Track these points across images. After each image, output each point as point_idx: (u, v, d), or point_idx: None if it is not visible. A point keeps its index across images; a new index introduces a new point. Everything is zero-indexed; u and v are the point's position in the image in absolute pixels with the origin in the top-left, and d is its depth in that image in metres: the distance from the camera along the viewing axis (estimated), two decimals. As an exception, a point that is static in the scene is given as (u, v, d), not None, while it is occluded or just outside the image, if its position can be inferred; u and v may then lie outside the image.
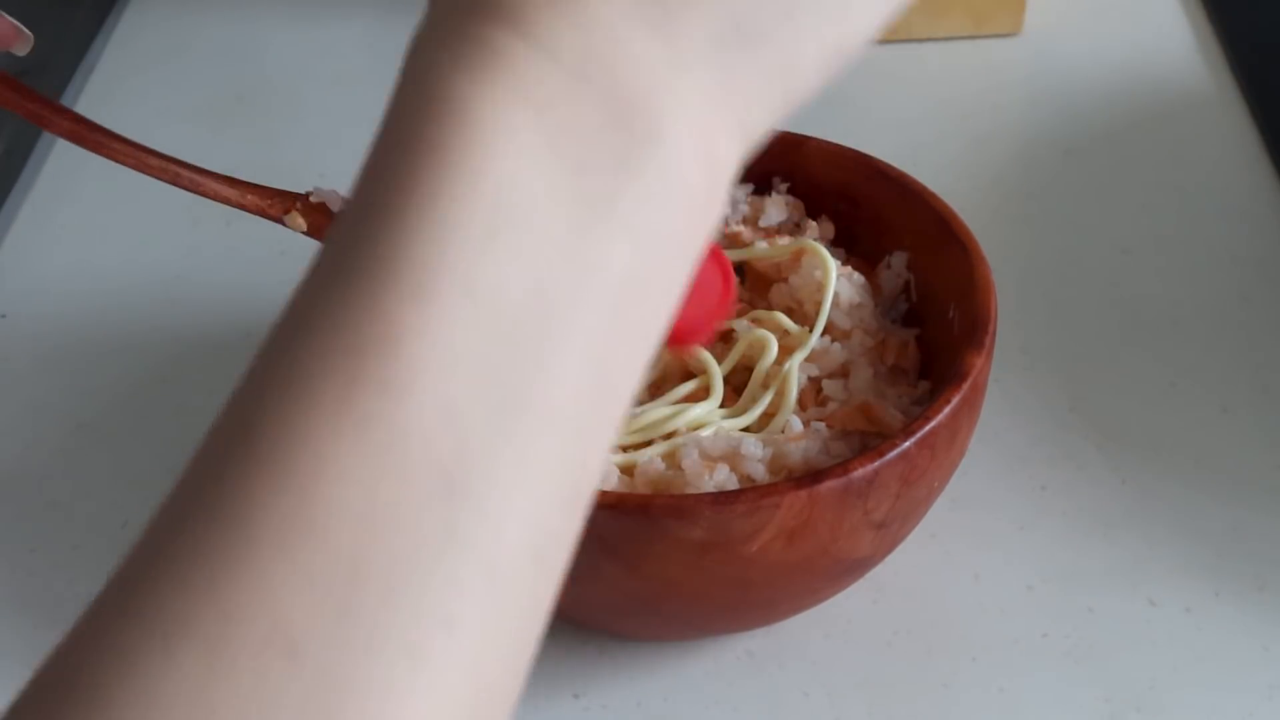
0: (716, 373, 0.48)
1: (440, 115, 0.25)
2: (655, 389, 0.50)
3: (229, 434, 0.24)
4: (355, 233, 0.25)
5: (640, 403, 0.49)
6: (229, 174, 0.50)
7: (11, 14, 0.48)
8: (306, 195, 0.50)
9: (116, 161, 0.48)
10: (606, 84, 0.26)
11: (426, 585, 0.23)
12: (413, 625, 0.22)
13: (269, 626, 0.22)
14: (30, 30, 0.48)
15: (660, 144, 0.26)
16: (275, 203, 0.50)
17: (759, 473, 0.45)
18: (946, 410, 0.43)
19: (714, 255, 0.41)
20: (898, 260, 0.52)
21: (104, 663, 0.22)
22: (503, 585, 0.24)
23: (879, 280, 0.52)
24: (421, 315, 0.24)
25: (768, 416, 0.48)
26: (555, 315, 0.25)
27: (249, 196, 0.50)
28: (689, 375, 0.50)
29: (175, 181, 0.49)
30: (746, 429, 0.47)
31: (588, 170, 0.26)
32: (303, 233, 0.50)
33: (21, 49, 0.47)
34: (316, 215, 0.50)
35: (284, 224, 0.50)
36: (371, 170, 0.26)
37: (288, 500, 0.22)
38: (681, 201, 0.27)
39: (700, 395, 0.48)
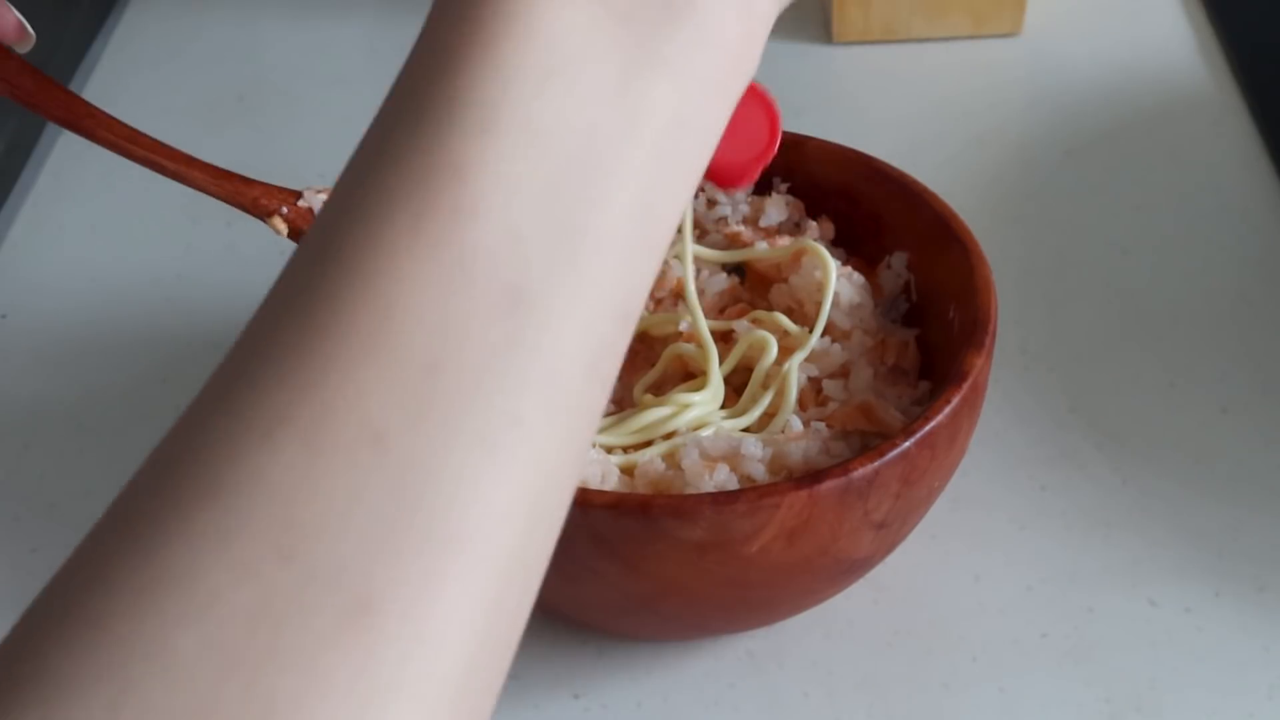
0: (717, 372, 0.48)
1: None
2: (655, 389, 0.50)
3: (318, 253, 0.26)
4: (426, 74, 0.27)
5: (640, 403, 0.49)
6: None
7: (11, 14, 0.48)
8: (297, 195, 0.50)
9: (106, 147, 0.49)
10: None
11: (496, 387, 0.25)
12: (483, 421, 0.25)
13: (359, 420, 0.24)
14: (28, 25, 0.48)
15: (699, 6, 0.29)
16: (261, 195, 0.50)
17: (759, 473, 0.45)
18: (946, 410, 0.43)
19: (759, 98, 0.43)
20: (898, 260, 0.52)
21: (213, 450, 0.24)
22: (563, 388, 0.26)
23: (879, 280, 0.52)
24: (486, 149, 0.26)
25: (768, 416, 0.48)
26: (607, 150, 0.27)
27: (224, 185, 0.50)
28: (689, 375, 0.50)
29: (161, 171, 0.49)
30: (746, 429, 0.47)
31: (635, 20, 0.28)
32: (284, 236, 0.50)
33: (23, 47, 0.48)
34: (303, 220, 0.50)
35: (267, 224, 0.50)
36: (435, 19, 0.28)
37: (372, 311, 0.25)
38: (721, 50, 0.29)
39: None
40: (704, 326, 0.50)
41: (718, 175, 0.43)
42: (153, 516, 0.24)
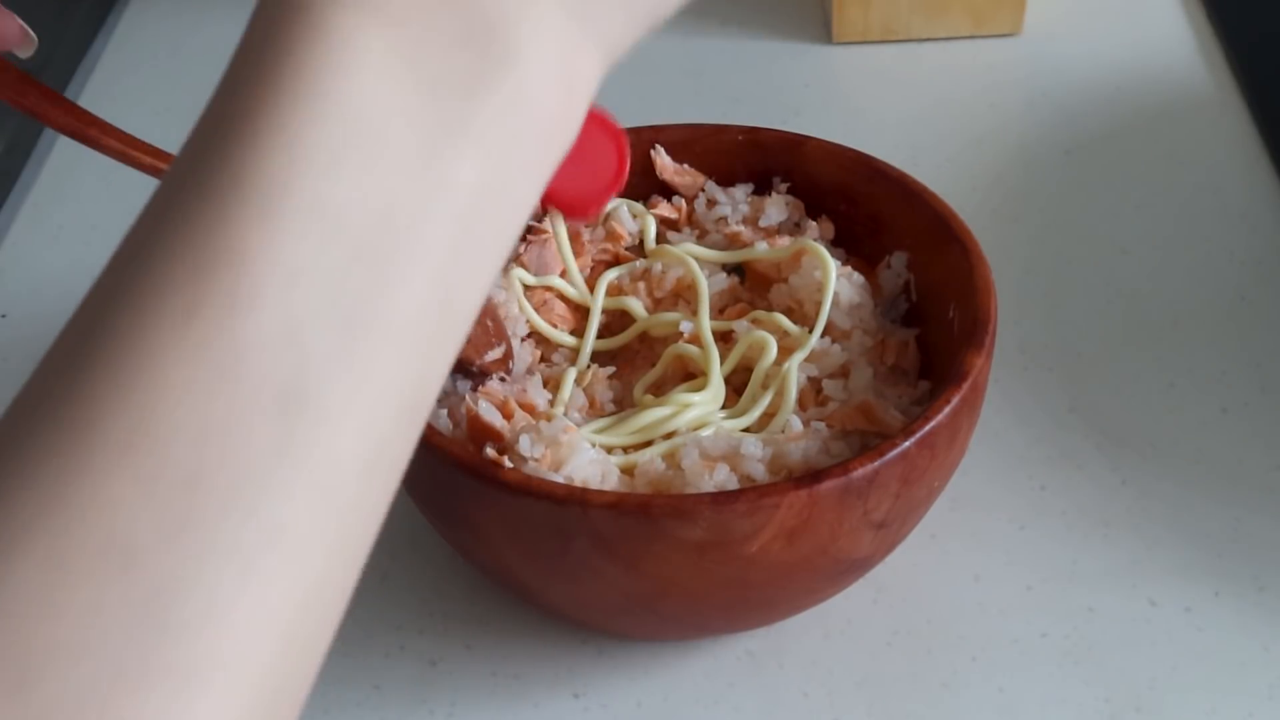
0: (717, 371, 0.48)
1: (297, 31, 0.26)
2: (655, 389, 0.50)
3: (79, 344, 0.24)
4: (209, 145, 0.25)
5: (640, 403, 0.49)
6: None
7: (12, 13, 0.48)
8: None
9: (110, 156, 0.48)
10: (465, 2, 0.26)
11: (259, 496, 0.23)
12: (244, 534, 0.23)
13: (108, 536, 0.22)
14: (31, 30, 0.48)
15: (516, 64, 0.27)
16: None
17: (759, 473, 0.45)
18: (946, 410, 0.43)
19: (605, 125, 0.41)
20: (898, 260, 0.52)
21: None
22: (336, 491, 0.25)
23: (879, 280, 0.52)
24: (268, 233, 0.24)
25: (768, 416, 0.48)
26: (403, 233, 0.25)
27: None
28: (689, 375, 0.50)
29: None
30: (747, 429, 0.47)
31: (441, 89, 0.26)
32: None
33: (25, 51, 0.47)
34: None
35: None
36: (227, 85, 0.26)
37: (129, 417, 0.23)
38: (534, 122, 0.28)
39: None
40: (707, 328, 0.50)
41: (563, 206, 0.42)
42: None
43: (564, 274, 0.53)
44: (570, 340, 0.52)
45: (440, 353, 0.27)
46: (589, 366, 0.51)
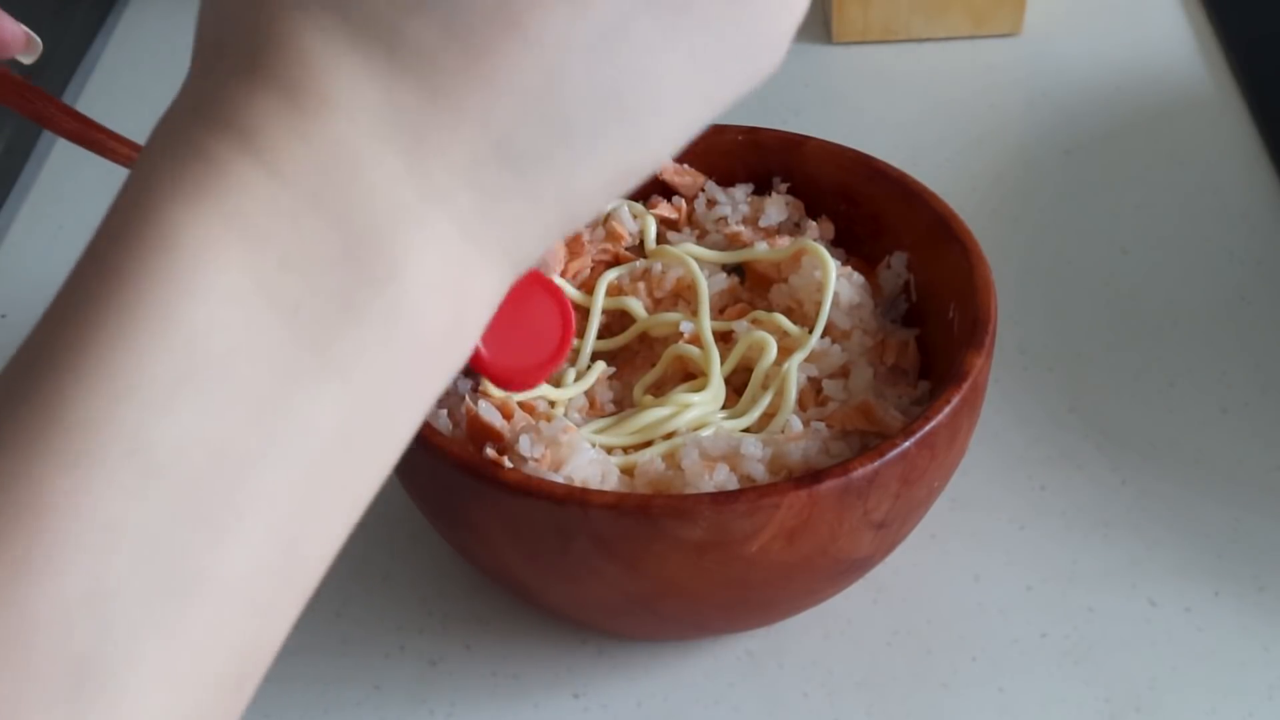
0: (717, 372, 0.48)
1: (144, 242, 0.23)
2: (655, 389, 0.50)
3: None
4: (27, 372, 0.22)
5: (640, 403, 0.49)
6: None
7: (12, 14, 0.48)
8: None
9: (116, 162, 0.48)
10: (341, 214, 0.24)
11: None
12: None
13: None
14: (30, 30, 0.48)
15: (396, 287, 0.24)
16: None
17: (759, 473, 0.45)
18: (946, 410, 0.43)
19: (550, 291, 0.39)
20: (898, 260, 0.52)
21: None
22: None
23: (879, 280, 0.52)
24: (80, 482, 0.21)
25: (767, 416, 0.48)
26: (241, 482, 0.22)
27: None
28: (689, 376, 0.50)
29: None
30: (746, 429, 0.47)
31: (305, 316, 0.23)
32: None
33: (29, 56, 0.47)
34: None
35: None
36: (63, 294, 0.23)
37: None
38: (414, 350, 0.24)
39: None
40: (708, 330, 0.50)
41: (496, 379, 0.39)
42: None
43: (564, 273, 0.53)
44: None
45: (280, 611, 0.24)
46: (589, 366, 0.51)
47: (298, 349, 0.23)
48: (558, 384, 0.49)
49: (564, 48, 0.25)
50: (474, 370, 0.38)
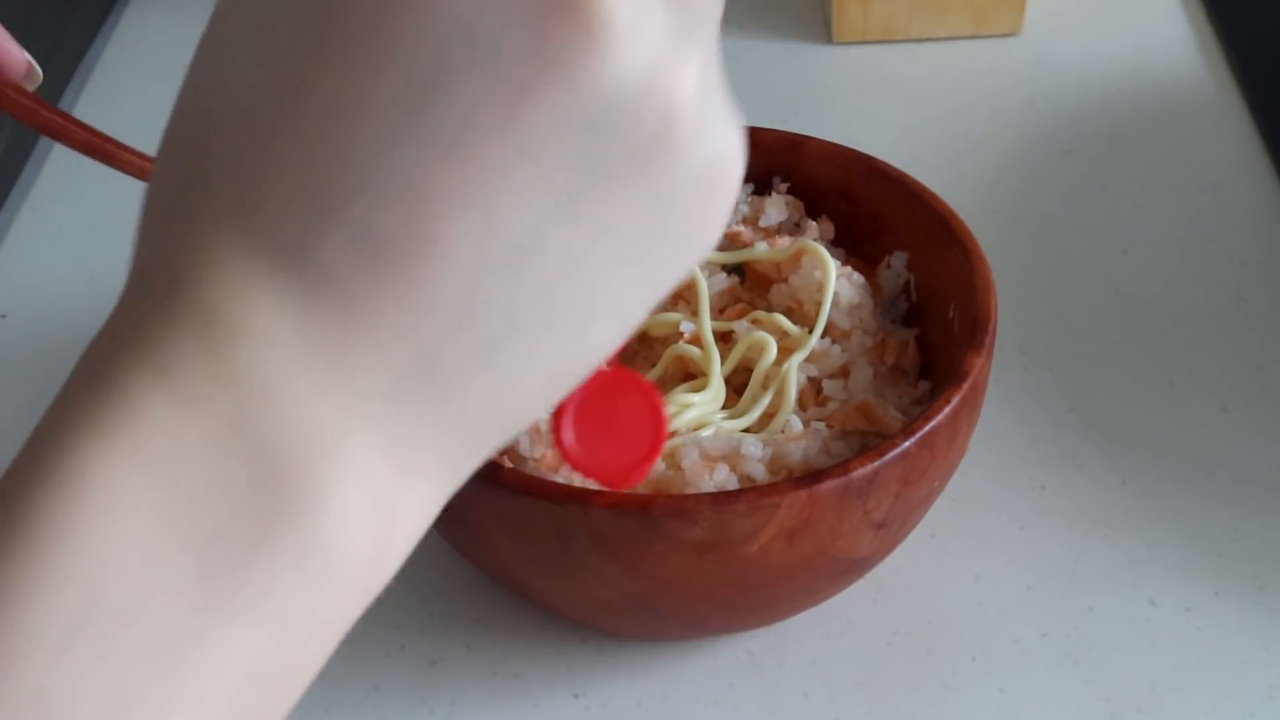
0: (718, 372, 0.48)
1: (53, 481, 0.23)
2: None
3: None
4: None
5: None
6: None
7: (12, 13, 0.47)
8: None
9: (127, 173, 0.48)
10: (256, 449, 0.23)
11: None
12: None
13: None
14: (30, 30, 0.48)
15: (315, 514, 0.23)
16: None
17: (759, 473, 0.45)
18: (946, 410, 0.43)
19: (645, 393, 0.39)
20: (898, 260, 0.52)
21: None
22: None
23: (879, 280, 0.52)
24: None
25: (767, 416, 0.48)
26: None
27: None
28: (689, 376, 0.50)
29: None
30: (746, 429, 0.47)
31: (216, 552, 0.23)
32: None
33: (30, 84, 0.47)
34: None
35: None
36: None
37: None
38: (334, 577, 0.24)
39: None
40: (708, 329, 0.50)
41: (600, 479, 0.40)
42: None
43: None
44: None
45: None
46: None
47: (207, 588, 0.22)
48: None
49: (480, 263, 0.24)
50: (573, 470, 0.39)
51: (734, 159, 0.26)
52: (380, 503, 0.24)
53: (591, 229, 0.25)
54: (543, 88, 0.23)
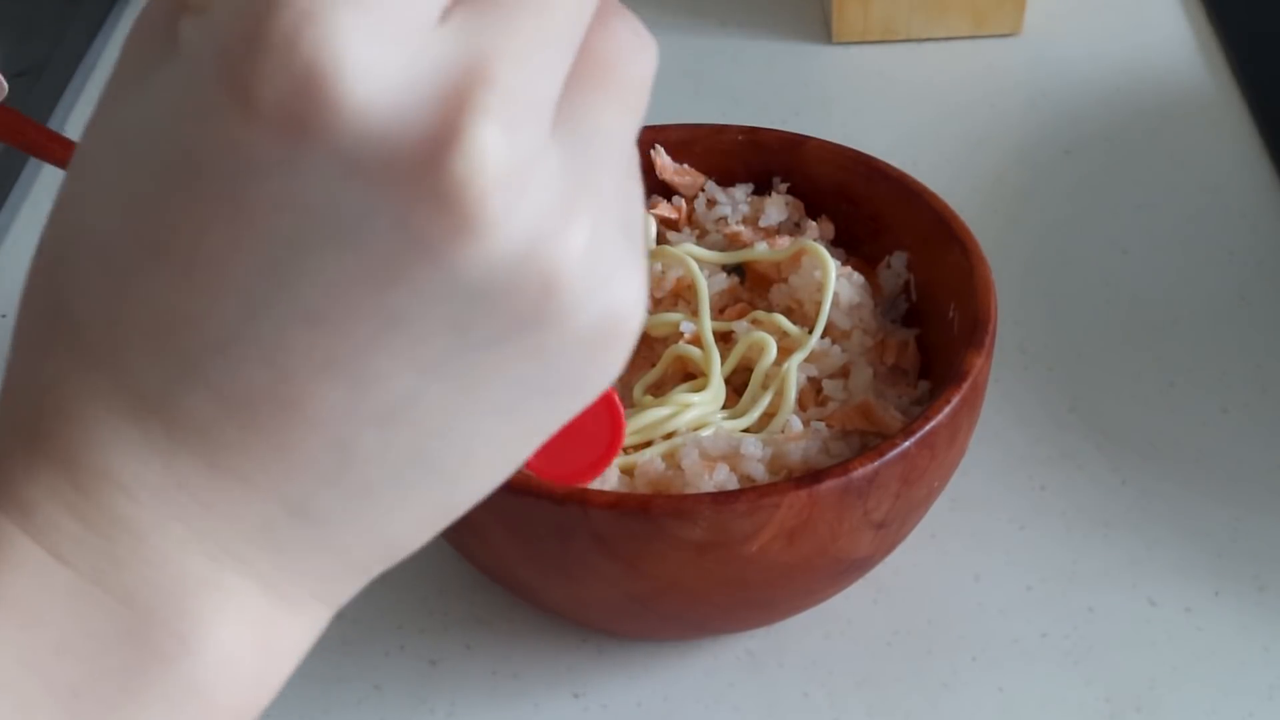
0: (718, 372, 0.48)
1: None
2: (655, 389, 0.50)
3: None
4: None
5: (640, 403, 0.49)
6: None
7: (12, 13, 0.47)
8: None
9: None
10: (124, 592, 0.23)
11: None
12: None
13: None
14: (30, 30, 0.48)
15: (186, 656, 0.23)
16: None
17: (759, 473, 0.45)
18: (946, 410, 0.43)
19: (603, 398, 0.40)
20: (898, 260, 0.52)
21: None
22: None
23: (879, 280, 0.52)
24: None
25: (767, 416, 0.48)
26: None
27: None
28: (689, 376, 0.50)
29: None
30: (746, 429, 0.47)
31: (84, 699, 0.22)
32: None
33: None
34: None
35: None
36: None
37: None
38: (217, 708, 0.24)
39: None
40: (708, 329, 0.50)
41: (554, 479, 0.41)
42: None
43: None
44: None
45: None
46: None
47: None
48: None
49: (349, 424, 0.24)
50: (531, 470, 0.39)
51: (631, 309, 0.25)
52: (257, 637, 0.24)
53: (468, 386, 0.24)
54: (409, 269, 0.22)
